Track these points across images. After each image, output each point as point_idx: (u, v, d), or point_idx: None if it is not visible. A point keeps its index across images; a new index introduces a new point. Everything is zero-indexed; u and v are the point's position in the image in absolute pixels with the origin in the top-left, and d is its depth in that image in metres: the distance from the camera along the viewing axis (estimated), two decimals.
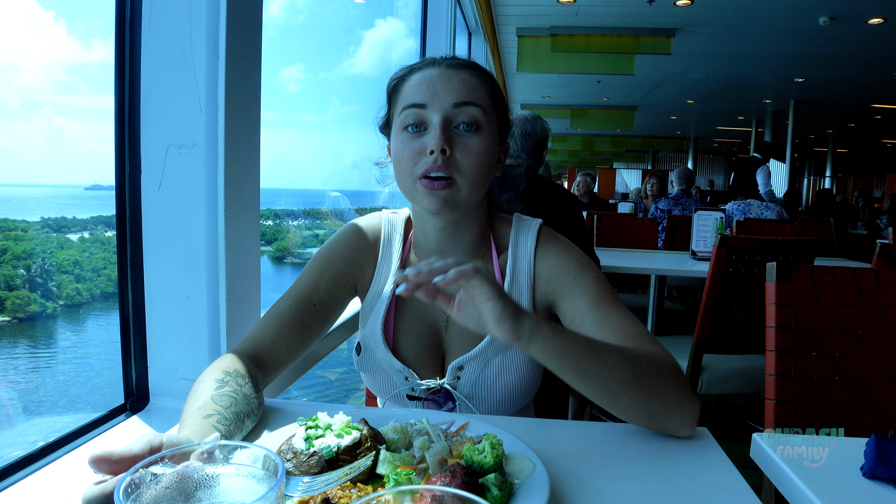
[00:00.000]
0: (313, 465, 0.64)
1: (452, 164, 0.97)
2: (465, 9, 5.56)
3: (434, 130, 0.97)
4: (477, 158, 0.98)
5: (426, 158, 0.97)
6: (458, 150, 0.97)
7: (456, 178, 0.97)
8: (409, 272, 0.76)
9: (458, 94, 0.98)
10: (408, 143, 0.99)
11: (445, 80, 0.99)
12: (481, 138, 0.99)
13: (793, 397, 1.26)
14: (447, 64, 1.02)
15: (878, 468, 0.78)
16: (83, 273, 1.49)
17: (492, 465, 0.67)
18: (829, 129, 16.94)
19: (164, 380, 1.10)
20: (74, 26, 1.38)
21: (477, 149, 0.98)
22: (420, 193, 0.99)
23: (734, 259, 2.40)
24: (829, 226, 5.04)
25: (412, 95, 1.00)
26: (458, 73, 1.00)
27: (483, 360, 1.05)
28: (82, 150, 1.45)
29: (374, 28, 4.28)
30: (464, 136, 0.98)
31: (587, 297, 1.01)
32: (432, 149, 0.95)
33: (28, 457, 0.85)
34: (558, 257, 1.07)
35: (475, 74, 1.02)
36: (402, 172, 1.01)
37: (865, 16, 6.42)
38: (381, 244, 1.14)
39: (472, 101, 0.99)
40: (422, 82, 1.00)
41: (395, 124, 1.03)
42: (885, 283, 1.33)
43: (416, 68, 1.03)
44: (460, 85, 0.99)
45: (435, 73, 1.00)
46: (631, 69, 7.80)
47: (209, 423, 0.73)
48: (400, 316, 1.10)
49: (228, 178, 1.05)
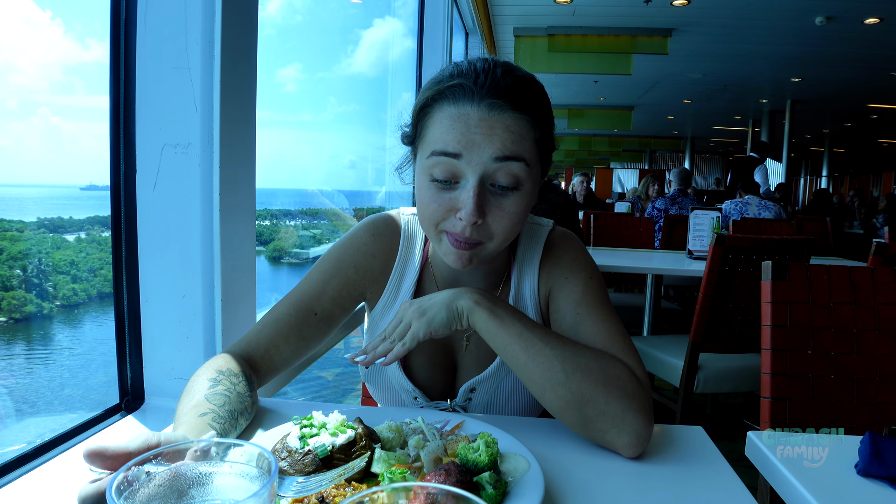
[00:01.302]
0: (308, 464, 0.64)
1: (483, 230, 0.87)
2: (462, 9, 5.56)
3: (467, 194, 0.83)
4: (512, 220, 0.87)
5: (454, 220, 0.86)
6: (491, 215, 0.86)
7: (485, 242, 0.88)
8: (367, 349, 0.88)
9: (501, 147, 0.83)
10: (434, 195, 0.86)
11: (486, 127, 0.82)
12: (520, 197, 0.86)
13: (788, 396, 1.26)
14: (489, 104, 0.83)
15: (873, 466, 0.78)
16: (80, 273, 1.48)
17: (486, 464, 0.67)
18: (826, 129, 16.98)
19: (160, 379, 1.10)
20: (72, 26, 1.38)
21: (514, 210, 0.86)
22: (444, 246, 0.90)
23: (730, 258, 2.41)
24: (826, 225, 5.05)
25: (444, 140, 0.84)
26: (501, 120, 0.83)
27: (496, 381, 1.02)
28: (79, 150, 1.45)
29: (372, 28, 4.28)
30: (500, 196, 0.86)
31: (571, 298, 0.98)
32: (462, 217, 0.84)
33: (23, 456, 0.85)
34: (558, 257, 1.04)
35: (521, 117, 0.84)
36: (426, 220, 0.89)
37: (861, 16, 6.44)
38: (399, 250, 1.05)
39: (514, 156, 0.83)
40: (456, 125, 0.83)
41: (420, 160, 0.89)
42: (881, 282, 1.33)
43: (448, 95, 0.85)
44: (504, 134, 0.83)
45: (474, 117, 0.83)
46: (628, 69, 7.81)
47: (204, 421, 0.72)
48: None
49: (224, 177, 1.05)
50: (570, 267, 1.02)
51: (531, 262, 1.04)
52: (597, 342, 0.92)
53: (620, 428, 0.80)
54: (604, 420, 0.81)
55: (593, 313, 0.96)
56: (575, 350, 0.85)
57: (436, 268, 1.05)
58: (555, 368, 0.82)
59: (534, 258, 1.04)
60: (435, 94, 0.87)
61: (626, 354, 0.90)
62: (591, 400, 0.81)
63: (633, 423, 0.80)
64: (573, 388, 0.81)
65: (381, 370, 1.05)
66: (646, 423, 0.81)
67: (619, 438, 0.81)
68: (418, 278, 1.05)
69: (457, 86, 0.85)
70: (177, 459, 0.48)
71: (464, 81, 0.84)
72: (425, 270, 1.06)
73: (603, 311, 0.96)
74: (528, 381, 0.84)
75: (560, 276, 1.02)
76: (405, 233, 1.06)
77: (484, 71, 0.85)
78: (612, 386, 0.82)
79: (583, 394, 0.81)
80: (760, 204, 4.95)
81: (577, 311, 0.97)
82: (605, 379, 0.82)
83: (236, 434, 0.80)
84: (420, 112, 0.90)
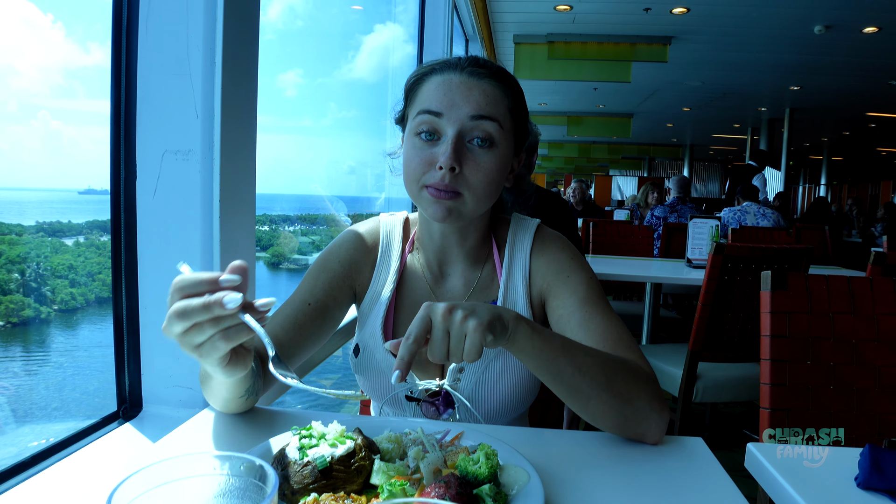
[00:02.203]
0: (307, 476, 0.64)
1: (461, 181, 0.96)
2: (463, 16, 5.58)
3: (446, 145, 0.95)
4: (487, 175, 0.97)
5: (435, 171, 0.96)
6: (467, 167, 0.96)
7: (463, 192, 0.97)
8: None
9: (477, 106, 0.96)
10: (419, 151, 0.98)
11: (466, 89, 0.97)
12: (494, 155, 0.98)
13: (787, 406, 1.26)
14: (469, 71, 0.98)
15: (873, 479, 0.78)
16: (78, 278, 1.48)
17: (486, 476, 0.66)
18: (825, 138, 17.02)
19: (158, 387, 1.09)
20: (73, 29, 1.38)
21: (488, 166, 0.97)
22: (425, 200, 0.99)
23: (729, 267, 2.41)
24: (824, 234, 5.06)
25: (429, 100, 0.98)
26: (479, 83, 0.97)
27: (484, 362, 1.05)
28: (78, 153, 1.45)
29: (373, 33, 4.29)
30: (476, 151, 0.97)
31: (576, 296, 1.03)
32: (441, 165, 0.94)
33: (19, 465, 0.84)
34: (554, 254, 1.09)
35: (497, 85, 0.99)
36: (410, 178, 1.00)
37: (860, 25, 6.47)
38: (379, 246, 1.13)
39: (489, 116, 0.96)
40: (440, 87, 0.97)
41: (409, 124, 1.02)
42: (880, 292, 1.33)
43: (437, 69, 1.00)
44: (480, 97, 0.96)
45: (455, 80, 0.97)
46: (627, 77, 7.83)
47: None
48: (399, 317, 1.10)
49: (224, 184, 1.05)
50: (570, 266, 1.07)
51: (522, 247, 1.11)
52: (607, 340, 0.96)
53: (650, 419, 0.87)
54: (637, 415, 0.86)
55: (599, 313, 1.00)
56: (605, 354, 0.89)
57: (421, 252, 1.12)
58: (598, 376, 0.84)
59: (524, 243, 1.11)
60: (425, 72, 1.01)
61: (634, 351, 0.96)
62: (629, 399, 0.86)
63: (659, 414, 0.87)
64: (615, 391, 0.85)
65: (371, 357, 1.08)
66: (667, 411, 0.90)
67: (648, 429, 0.87)
68: (402, 267, 1.12)
69: (443, 62, 1.00)
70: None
71: (450, 60, 1.00)
72: (410, 260, 1.13)
73: (607, 312, 1.01)
74: (573, 391, 0.84)
75: (561, 274, 1.06)
76: (384, 231, 1.15)
77: (469, 57, 1.01)
78: (641, 383, 0.88)
79: (622, 395, 0.86)
80: (759, 212, 4.96)
81: (584, 309, 1.01)
82: (633, 378, 0.88)
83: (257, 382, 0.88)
84: (410, 89, 1.03)
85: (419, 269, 1.12)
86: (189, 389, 1.08)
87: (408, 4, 4.25)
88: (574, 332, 0.99)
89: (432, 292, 1.11)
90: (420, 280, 1.12)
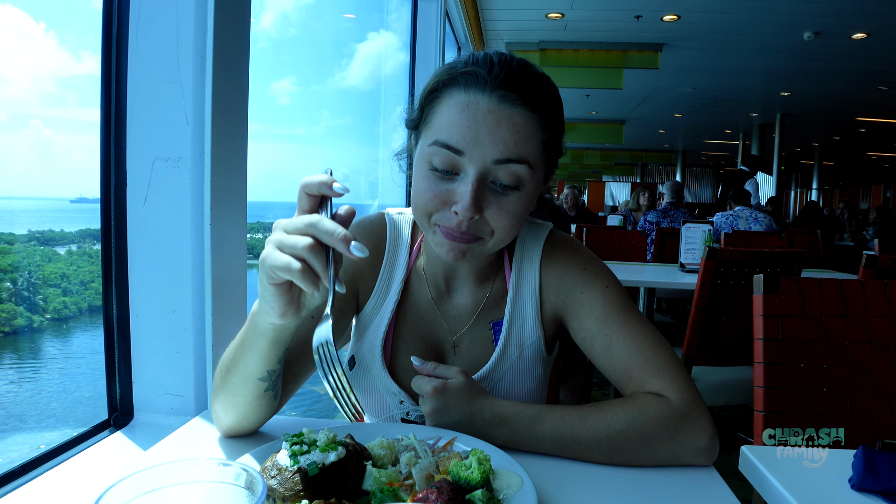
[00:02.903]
0: (298, 482, 0.64)
1: (480, 225, 0.84)
2: (455, 23, 5.60)
3: (465, 188, 0.81)
4: (511, 219, 0.85)
5: (449, 213, 0.83)
6: (489, 210, 0.83)
7: (483, 236, 0.86)
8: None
9: (504, 148, 0.81)
10: (431, 184, 0.84)
11: (493, 122, 0.80)
12: (520, 197, 0.84)
13: (781, 409, 1.26)
14: (500, 94, 0.81)
15: (867, 480, 0.78)
16: (71, 286, 1.47)
17: (479, 481, 0.66)
18: (815, 142, 17.15)
19: (149, 395, 1.08)
20: (65, 38, 1.38)
21: (513, 209, 0.84)
22: (436, 237, 0.87)
23: (722, 271, 2.42)
24: (817, 237, 5.08)
25: (448, 130, 0.81)
26: (510, 113, 0.81)
27: (488, 384, 1.00)
28: (69, 162, 1.44)
29: (366, 41, 4.30)
30: (500, 194, 0.84)
31: (594, 315, 0.95)
32: (458, 212, 0.82)
33: (9, 473, 0.83)
34: (565, 267, 0.99)
35: (531, 115, 0.82)
36: (419, 210, 0.87)
37: (849, 31, 6.53)
38: (385, 250, 1.02)
39: (517, 159, 0.81)
40: (463, 115, 0.81)
41: (421, 144, 0.87)
42: (871, 295, 1.34)
43: (460, 80, 0.83)
44: (509, 134, 0.81)
45: (482, 106, 0.81)
46: (619, 83, 7.87)
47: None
48: (401, 333, 1.01)
49: (215, 191, 1.05)
50: (583, 279, 0.97)
51: (531, 260, 1.01)
52: (633, 365, 0.90)
53: (682, 458, 0.83)
54: (667, 458, 0.83)
55: (621, 331, 0.92)
56: (609, 420, 0.84)
57: (427, 264, 1.03)
58: (605, 450, 0.83)
59: (533, 256, 1.01)
60: (447, 79, 0.84)
61: (662, 374, 0.88)
62: (648, 455, 0.83)
63: (689, 451, 0.83)
64: (628, 455, 0.83)
65: (367, 373, 1.02)
66: (701, 430, 0.83)
67: (688, 459, 0.83)
68: (407, 277, 1.03)
69: (470, 73, 0.82)
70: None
71: (478, 69, 0.82)
72: (415, 269, 1.04)
73: (630, 325, 0.93)
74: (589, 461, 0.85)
75: (574, 290, 0.97)
76: (391, 233, 1.04)
77: (500, 63, 0.83)
78: (661, 426, 0.83)
79: (638, 455, 0.83)
80: (751, 216, 4.98)
81: (604, 330, 0.93)
82: (653, 426, 0.83)
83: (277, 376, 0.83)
84: (429, 96, 0.87)
85: (424, 282, 1.03)
86: (180, 397, 1.07)
87: (401, 12, 4.27)
88: (600, 360, 0.94)
89: (436, 308, 1.02)
90: (424, 295, 1.02)
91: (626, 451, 0.83)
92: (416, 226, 1.05)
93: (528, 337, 1.00)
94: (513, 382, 1.01)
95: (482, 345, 1.02)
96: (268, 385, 0.82)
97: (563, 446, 0.83)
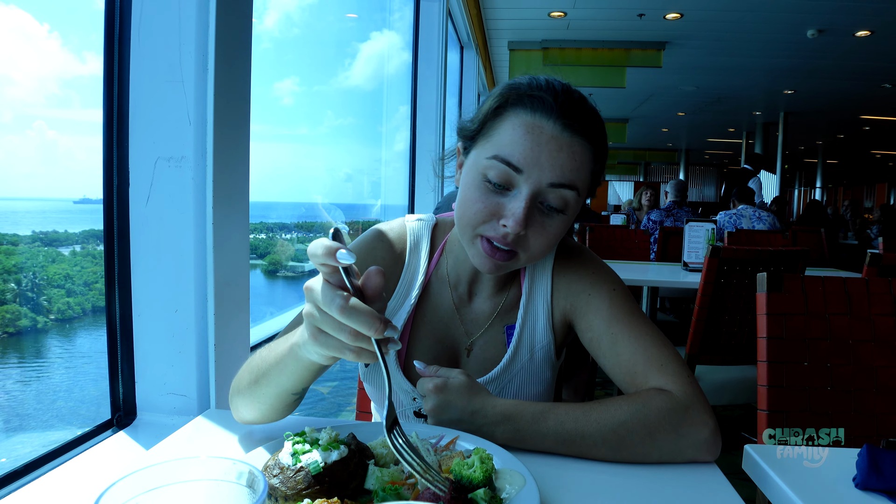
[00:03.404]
0: (300, 481, 0.64)
1: (521, 241, 0.89)
2: (457, 23, 5.60)
3: (517, 204, 0.86)
4: (549, 240, 0.90)
5: (497, 225, 0.88)
6: (532, 229, 0.88)
7: (519, 253, 0.90)
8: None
9: (561, 173, 0.86)
10: (483, 196, 0.88)
11: (555, 148, 0.85)
12: (562, 220, 0.90)
13: (785, 408, 1.26)
14: (564, 123, 0.86)
15: (871, 479, 0.77)
16: (74, 287, 1.47)
17: (481, 480, 0.66)
18: (819, 141, 17.10)
19: (152, 395, 1.08)
20: (69, 39, 1.38)
21: (553, 231, 0.90)
22: (475, 250, 0.92)
23: (725, 270, 2.41)
24: (820, 236, 5.07)
25: (511, 148, 0.86)
26: (570, 142, 0.86)
27: (498, 385, 1.03)
28: (73, 163, 1.45)
29: (369, 41, 4.30)
30: (545, 215, 0.89)
31: (600, 316, 0.98)
32: (507, 225, 0.86)
33: (13, 473, 0.84)
34: (576, 272, 1.03)
35: (587, 146, 0.88)
36: (466, 222, 0.91)
37: (852, 28, 6.51)
38: (406, 255, 1.06)
39: (570, 185, 0.87)
40: (528, 137, 0.86)
41: (477, 155, 0.91)
42: (876, 293, 1.33)
43: (527, 102, 0.87)
44: (567, 161, 0.86)
45: (547, 131, 0.85)
46: (622, 82, 7.86)
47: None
48: (416, 333, 1.05)
49: (217, 190, 1.05)
50: (591, 282, 1.01)
51: (543, 266, 1.05)
52: (637, 364, 0.92)
53: (685, 452, 0.84)
54: (670, 453, 0.83)
55: (626, 330, 0.95)
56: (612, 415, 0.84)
57: (451, 270, 1.06)
58: (611, 442, 0.83)
59: (546, 262, 1.05)
60: (515, 97, 0.89)
61: (665, 370, 0.90)
62: (651, 450, 0.83)
63: (691, 444, 0.83)
64: (631, 450, 0.83)
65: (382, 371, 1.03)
66: (703, 424, 0.84)
67: (690, 454, 0.84)
68: (427, 281, 1.06)
69: (536, 97, 0.87)
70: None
71: (544, 95, 0.87)
72: (436, 273, 1.07)
73: (635, 325, 0.96)
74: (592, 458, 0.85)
75: (582, 293, 1.01)
76: (411, 240, 1.07)
77: (563, 92, 0.88)
78: (664, 419, 0.83)
79: (641, 450, 0.83)
80: (754, 215, 4.97)
81: (610, 330, 0.96)
82: (656, 419, 0.83)
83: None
84: (494, 110, 0.90)
85: (445, 285, 1.06)
86: (183, 397, 1.07)
87: (403, 12, 4.27)
88: (605, 359, 0.96)
89: (457, 312, 1.06)
90: (445, 298, 1.06)
91: (629, 445, 0.83)
92: (437, 231, 1.09)
93: (538, 341, 1.04)
94: (522, 385, 1.04)
95: (495, 347, 1.05)
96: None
97: (568, 442, 0.84)
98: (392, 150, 4.53)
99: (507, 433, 0.85)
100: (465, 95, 6.71)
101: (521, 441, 0.85)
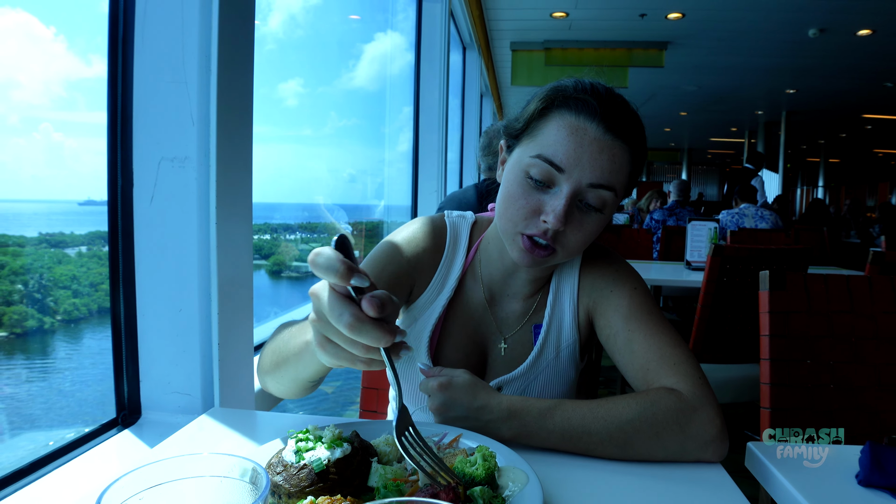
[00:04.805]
0: (304, 479, 0.64)
1: (559, 237, 0.92)
2: (460, 24, 5.61)
3: (558, 202, 0.89)
4: (586, 237, 0.94)
5: (537, 221, 0.91)
6: (570, 226, 0.91)
7: (557, 249, 0.93)
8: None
9: (601, 174, 0.89)
10: (525, 193, 0.92)
11: (597, 149, 0.88)
12: (599, 219, 0.93)
13: (788, 406, 1.26)
14: (606, 125, 0.89)
15: (873, 476, 0.77)
16: (81, 288, 1.48)
17: (483, 477, 0.66)
18: (821, 140, 17.06)
19: (156, 394, 1.09)
20: (74, 41, 1.38)
21: (590, 228, 0.93)
22: (515, 245, 0.95)
23: (728, 268, 2.41)
24: (823, 235, 5.06)
25: (554, 147, 0.89)
26: (611, 145, 0.89)
27: (524, 382, 1.05)
28: (78, 165, 1.45)
29: (372, 42, 4.31)
30: (583, 213, 0.92)
31: (619, 313, 1.00)
32: (547, 221, 0.89)
33: (18, 471, 0.84)
34: (600, 271, 1.06)
35: (627, 149, 0.91)
36: (508, 218, 0.94)
37: (854, 28, 6.49)
38: (445, 249, 1.09)
39: (609, 186, 0.90)
40: (572, 137, 0.89)
41: (521, 154, 0.94)
42: (878, 291, 1.33)
43: (572, 104, 0.91)
44: (607, 163, 0.89)
45: (590, 133, 0.88)
46: (624, 82, 7.84)
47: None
48: (448, 328, 1.07)
49: (220, 191, 1.05)
50: (613, 279, 1.04)
51: (571, 266, 1.08)
52: (650, 362, 0.93)
53: (691, 451, 0.84)
54: (676, 453, 0.84)
55: (643, 328, 0.97)
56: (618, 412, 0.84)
57: (484, 269, 1.08)
58: (616, 444, 0.83)
59: (573, 264, 1.08)
60: (560, 99, 0.92)
61: (677, 369, 0.91)
62: (662, 442, 0.83)
63: (698, 444, 0.83)
64: (636, 449, 0.84)
65: (410, 364, 1.07)
66: (711, 424, 0.84)
67: (696, 454, 0.84)
68: (462, 276, 1.08)
69: (581, 99, 0.91)
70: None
71: (588, 98, 0.90)
72: (470, 270, 1.09)
73: (653, 324, 0.97)
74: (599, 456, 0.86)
75: (605, 290, 1.04)
76: (451, 233, 1.10)
77: (607, 95, 0.92)
78: (672, 419, 0.84)
79: (646, 450, 0.84)
80: (757, 214, 4.96)
81: (627, 327, 0.98)
82: (664, 418, 0.84)
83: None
84: (540, 111, 0.93)
85: (479, 283, 1.09)
86: (187, 396, 1.08)
87: (407, 13, 4.28)
88: (620, 356, 0.98)
89: (488, 310, 1.08)
90: (478, 296, 1.08)
91: (636, 443, 0.83)
92: (475, 229, 1.13)
93: (564, 340, 1.06)
94: (547, 383, 1.06)
95: (523, 345, 1.08)
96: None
97: (574, 438, 0.84)
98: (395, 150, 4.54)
99: (513, 429, 0.85)
100: (467, 96, 6.71)
101: (527, 437, 0.85)
